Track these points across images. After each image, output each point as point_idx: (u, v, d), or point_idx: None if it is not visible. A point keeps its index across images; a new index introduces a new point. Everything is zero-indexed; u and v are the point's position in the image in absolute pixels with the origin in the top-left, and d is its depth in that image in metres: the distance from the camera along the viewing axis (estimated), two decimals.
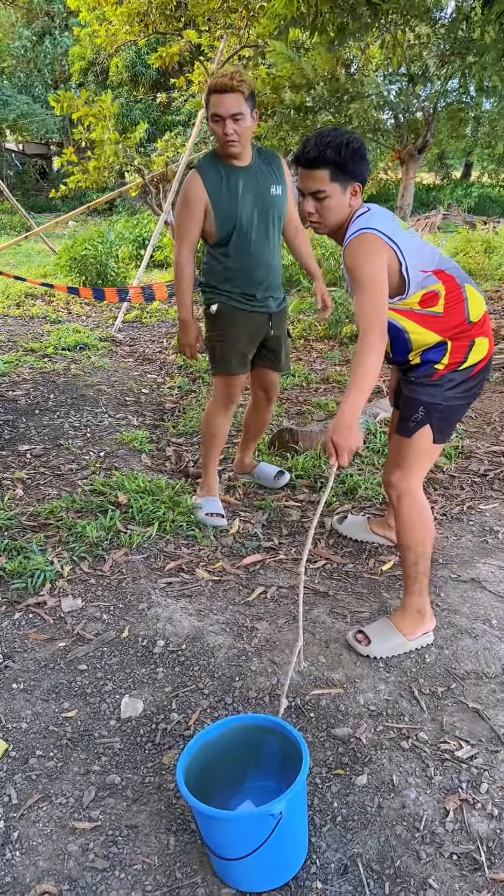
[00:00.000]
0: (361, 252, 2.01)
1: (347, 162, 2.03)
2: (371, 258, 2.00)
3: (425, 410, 2.21)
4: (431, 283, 2.13)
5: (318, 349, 6.20)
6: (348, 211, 2.12)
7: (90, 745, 1.97)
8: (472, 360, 2.19)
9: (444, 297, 2.14)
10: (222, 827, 1.47)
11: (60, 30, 21.33)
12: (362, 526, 3.04)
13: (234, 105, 2.68)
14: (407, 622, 2.32)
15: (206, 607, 2.56)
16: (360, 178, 2.09)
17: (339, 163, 2.02)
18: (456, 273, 2.19)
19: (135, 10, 8.58)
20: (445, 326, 2.16)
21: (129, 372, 5.43)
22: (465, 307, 2.17)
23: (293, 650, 1.93)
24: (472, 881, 1.56)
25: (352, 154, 2.03)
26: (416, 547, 2.27)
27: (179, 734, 1.99)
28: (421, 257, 2.12)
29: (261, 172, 2.90)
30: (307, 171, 2.07)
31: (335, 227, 2.16)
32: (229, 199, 2.84)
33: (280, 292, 3.12)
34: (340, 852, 1.64)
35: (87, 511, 3.16)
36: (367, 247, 2.01)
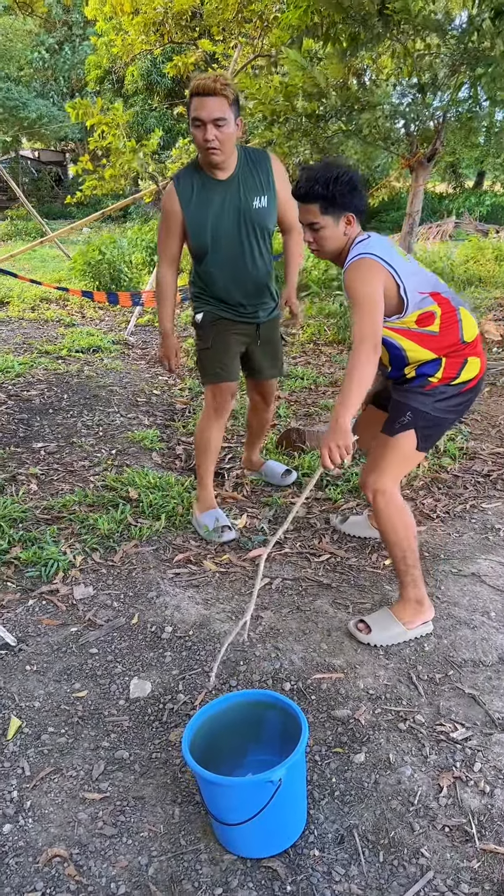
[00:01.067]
0: (359, 275, 2.13)
1: (336, 196, 2.16)
2: (367, 280, 2.12)
3: (413, 416, 2.30)
4: (428, 304, 2.24)
5: (327, 353, 6.29)
6: (344, 239, 2.25)
7: (100, 722, 2.06)
8: (465, 377, 2.30)
9: (439, 317, 2.26)
10: (224, 793, 1.55)
11: (79, 39, 21.62)
12: (363, 523, 3.12)
13: (217, 109, 2.56)
14: (406, 612, 2.39)
15: (213, 597, 2.64)
16: (352, 209, 2.21)
17: (329, 197, 2.16)
18: (451, 297, 2.31)
19: (150, 20, 8.76)
20: (441, 345, 2.27)
21: (140, 374, 5.54)
22: (460, 328, 2.29)
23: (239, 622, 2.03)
24: (462, 851, 1.63)
25: (341, 188, 2.16)
26: (400, 542, 2.34)
27: (185, 713, 2.07)
28: (418, 280, 2.24)
29: (244, 184, 2.79)
30: (301, 205, 2.23)
31: (334, 254, 2.29)
32: (203, 214, 2.77)
33: (270, 302, 3.06)
34: (338, 823, 1.72)
35: (99, 505, 3.26)
36: (365, 270, 2.13)
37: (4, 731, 2.01)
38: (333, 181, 2.16)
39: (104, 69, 17.67)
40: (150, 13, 8.76)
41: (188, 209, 2.76)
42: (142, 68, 18.04)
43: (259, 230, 2.84)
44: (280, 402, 4.83)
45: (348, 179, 2.17)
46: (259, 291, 2.98)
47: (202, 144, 2.63)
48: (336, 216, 2.21)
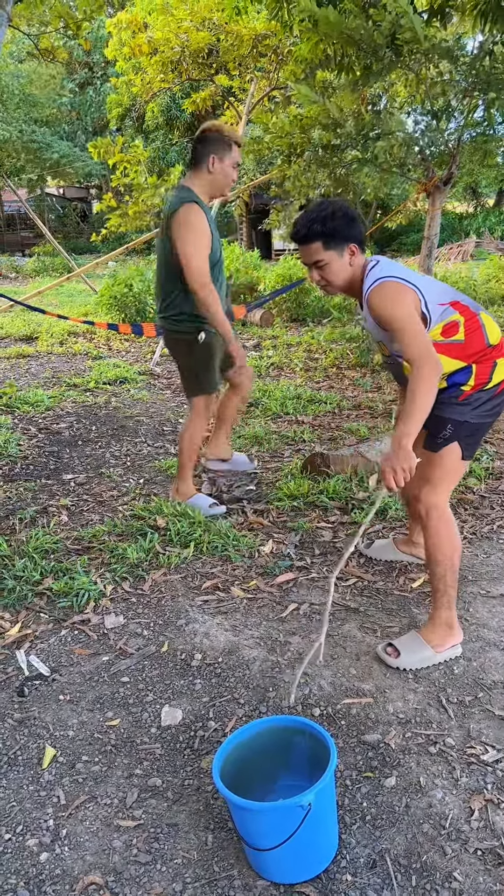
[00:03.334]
0: (389, 298, 2.17)
1: (335, 231, 2.23)
2: (399, 302, 2.17)
3: (453, 428, 2.33)
4: (450, 314, 2.29)
5: (350, 377, 6.32)
6: (351, 270, 2.31)
7: (133, 751, 2.09)
8: (496, 379, 2.32)
9: (463, 325, 2.29)
10: (254, 818, 1.57)
11: (101, 80, 22.25)
12: (388, 547, 3.14)
13: (239, 156, 3.22)
14: (436, 635, 2.40)
15: (241, 623, 2.67)
16: (354, 240, 2.27)
17: (328, 233, 2.23)
18: (470, 303, 2.36)
19: (168, 59, 8.99)
20: (469, 352, 2.30)
21: (166, 403, 5.63)
22: (484, 332, 2.32)
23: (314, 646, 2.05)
24: (495, 875, 1.63)
25: (338, 222, 2.23)
26: (444, 560, 2.35)
27: (217, 741, 2.10)
28: (436, 291, 2.29)
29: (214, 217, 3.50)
30: (303, 247, 2.29)
31: (345, 285, 2.35)
32: (214, 235, 3.25)
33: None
34: (369, 848, 1.72)
35: (128, 534, 3.32)
36: (393, 293, 2.18)
37: (40, 761, 2.05)
38: (331, 216, 2.23)
39: (125, 107, 18.13)
40: (167, 52, 9.01)
41: (212, 230, 3.22)
42: (161, 105, 18.49)
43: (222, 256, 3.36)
44: (304, 426, 4.87)
45: (343, 213, 2.24)
46: (227, 305, 3.46)
47: (230, 183, 3.25)
48: (339, 249, 2.27)
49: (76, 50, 21.76)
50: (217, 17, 8.41)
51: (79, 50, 21.90)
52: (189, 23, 8.49)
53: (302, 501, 3.66)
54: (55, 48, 7.55)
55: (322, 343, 7.52)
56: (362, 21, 4.74)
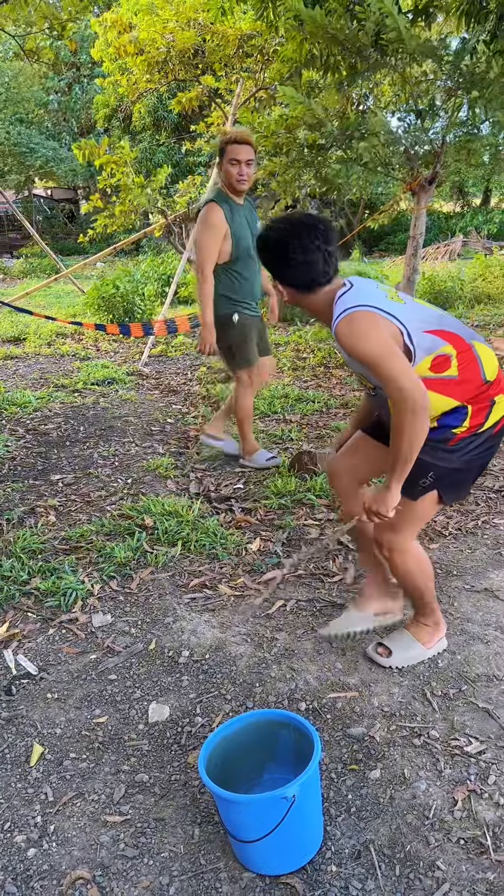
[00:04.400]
0: (360, 332, 1.89)
1: (265, 265, 2.09)
2: (372, 335, 1.89)
3: (435, 477, 2.06)
4: (439, 345, 1.99)
5: (338, 376, 6.35)
6: (308, 300, 2.06)
7: (120, 747, 2.10)
8: (493, 419, 2.04)
9: (455, 357, 1.99)
10: (239, 810, 1.59)
11: (88, 80, 22.20)
12: (352, 616, 2.53)
13: (249, 154, 3.61)
14: (424, 633, 2.39)
15: (229, 620, 2.69)
16: (284, 281, 2.05)
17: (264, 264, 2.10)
18: (462, 331, 2.06)
19: (154, 59, 8.98)
20: (463, 389, 2.00)
21: (154, 403, 5.64)
22: (480, 366, 2.02)
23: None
24: (477, 863, 1.65)
25: (266, 256, 2.06)
26: (418, 590, 2.29)
27: (203, 736, 2.11)
28: (420, 318, 2.01)
29: (249, 210, 3.84)
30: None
31: (311, 314, 2.13)
32: (239, 227, 3.70)
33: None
34: (354, 839, 1.74)
35: (116, 534, 3.33)
36: (365, 325, 1.90)
37: (28, 758, 2.06)
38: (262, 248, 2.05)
39: (112, 108, 18.11)
40: (153, 52, 9.01)
41: (231, 223, 3.67)
42: (148, 105, 18.44)
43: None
44: (292, 425, 4.90)
45: (276, 248, 2.01)
46: (259, 289, 3.95)
47: (236, 177, 3.63)
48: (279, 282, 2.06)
49: (63, 50, 21.70)
50: (202, 17, 8.41)
51: (65, 50, 21.85)
52: (174, 23, 8.49)
53: (289, 499, 3.68)
54: (40, 49, 7.54)
55: (310, 342, 7.55)
56: (347, 21, 4.77)
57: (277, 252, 2.01)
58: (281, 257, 2.01)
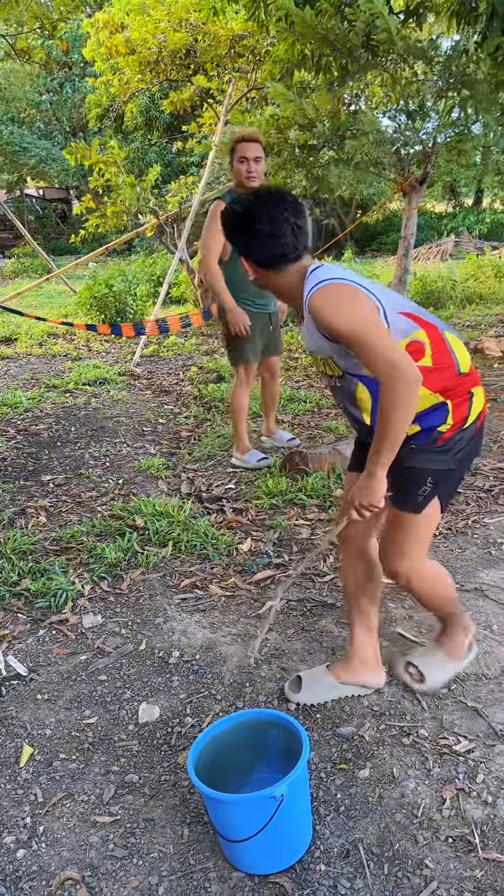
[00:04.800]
0: (339, 301, 1.75)
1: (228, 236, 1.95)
2: (352, 305, 1.75)
3: (434, 481, 1.94)
4: (413, 329, 1.87)
5: None
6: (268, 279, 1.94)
7: (110, 748, 2.10)
8: (475, 412, 1.96)
9: (429, 346, 1.87)
10: (228, 809, 1.59)
11: (79, 79, 22.14)
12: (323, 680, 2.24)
13: (258, 151, 3.75)
14: (456, 644, 2.25)
15: (219, 620, 2.69)
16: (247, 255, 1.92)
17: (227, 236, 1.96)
18: (432, 319, 1.96)
19: (146, 59, 8.97)
20: (438, 379, 1.88)
21: (146, 403, 5.63)
22: (454, 357, 1.92)
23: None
24: (465, 861, 1.66)
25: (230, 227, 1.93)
26: (443, 605, 2.19)
27: (193, 736, 2.11)
28: (393, 299, 1.89)
29: None
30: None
31: (278, 294, 2.00)
32: None
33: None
34: (343, 838, 1.75)
35: (107, 534, 3.32)
36: (344, 295, 1.77)
37: (17, 759, 2.06)
38: (229, 220, 1.90)
39: (104, 108, 18.07)
40: (145, 52, 9.00)
41: None
42: (140, 105, 18.42)
43: None
44: (284, 425, 4.90)
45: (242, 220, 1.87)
46: None
47: (245, 174, 3.75)
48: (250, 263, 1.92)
49: (54, 50, 21.65)
50: (194, 17, 8.40)
51: (57, 50, 21.80)
52: (166, 23, 8.48)
53: (280, 499, 3.68)
54: (31, 48, 7.52)
55: (301, 342, 7.55)
56: (337, 21, 4.78)
57: (242, 223, 1.86)
58: (245, 228, 1.86)
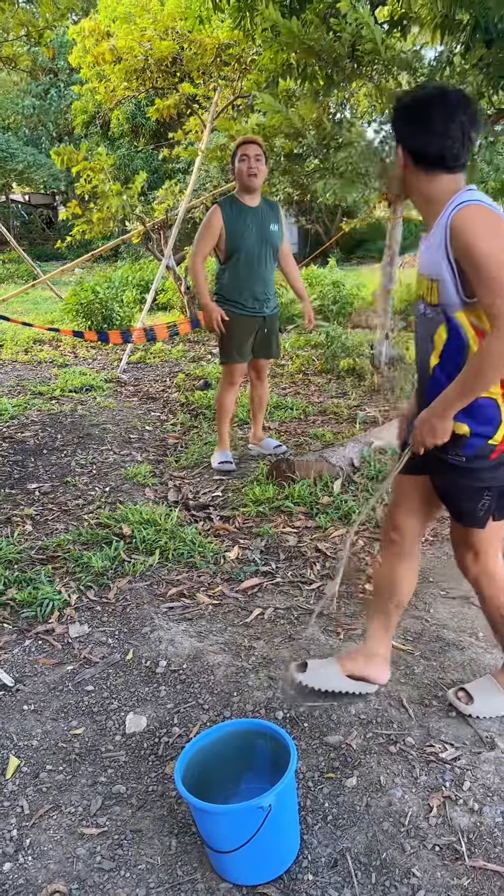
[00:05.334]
0: (488, 226, 1.66)
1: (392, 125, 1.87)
2: (497, 234, 1.65)
3: (490, 494, 1.86)
4: None
5: (317, 383, 6.38)
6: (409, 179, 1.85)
7: (97, 758, 2.09)
8: None
9: None
10: (215, 820, 1.59)
11: (65, 85, 22.13)
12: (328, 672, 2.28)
13: (257, 150, 3.88)
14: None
15: (206, 629, 2.69)
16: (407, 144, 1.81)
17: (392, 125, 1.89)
18: None
19: (132, 67, 8.98)
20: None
21: (133, 410, 5.63)
22: None
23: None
24: (452, 869, 1.67)
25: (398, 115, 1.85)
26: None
27: (181, 746, 2.11)
28: None
29: (264, 213, 4.01)
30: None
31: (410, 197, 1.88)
32: (240, 228, 3.91)
33: (273, 301, 4.23)
34: (331, 847, 1.75)
35: (93, 543, 3.31)
36: (495, 223, 1.67)
37: (3, 771, 2.05)
38: (398, 108, 1.83)
39: (90, 114, 18.06)
40: (131, 60, 9.01)
41: (228, 222, 3.90)
42: (126, 112, 18.44)
43: (270, 246, 4.04)
44: (270, 432, 4.91)
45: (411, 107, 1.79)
46: (269, 290, 4.14)
47: (246, 171, 3.86)
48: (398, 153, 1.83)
49: (40, 56, 21.64)
50: (180, 25, 8.44)
51: (42, 56, 21.78)
52: (152, 31, 8.51)
53: (267, 507, 3.69)
54: (17, 55, 7.51)
55: (288, 349, 7.58)
56: (323, 32, 4.81)
57: (417, 111, 1.77)
58: (418, 116, 1.77)
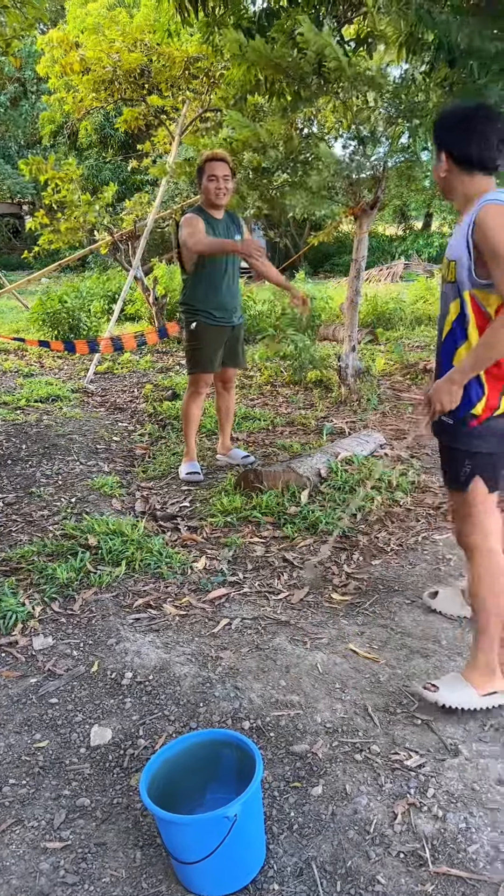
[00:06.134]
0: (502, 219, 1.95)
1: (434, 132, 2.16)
2: None
3: (471, 462, 2.13)
4: None
5: (284, 394, 6.42)
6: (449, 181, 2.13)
7: (61, 771, 2.07)
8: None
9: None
10: (180, 831, 1.59)
11: (34, 95, 22.04)
12: (455, 598, 2.79)
13: (225, 170, 3.93)
14: (476, 675, 2.23)
15: (173, 640, 2.68)
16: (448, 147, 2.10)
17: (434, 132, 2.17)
18: None
19: (100, 78, 8.99)
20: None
21: (100, 421, 5.60)
22: None
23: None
24: (416, 876, 1.68)
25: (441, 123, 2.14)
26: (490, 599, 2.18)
27: (146, 758, 2.09)
28: None
29: (229, 225, 4.10)
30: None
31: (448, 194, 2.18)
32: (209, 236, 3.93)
33: (240, 311, 4.28)
34: (296, 856, 1.75)
35: (58, 554, 3.28)
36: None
37: None
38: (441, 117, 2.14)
39: (58, 124, 18.00)
40: (99, 72, 9.02)
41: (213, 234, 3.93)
42: (95, 123, 18.43)
43: (237, 258, 4.09)
44: (238, 443, 4.92)
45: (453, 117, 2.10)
46: (236, 301, 4.20)
47: (214, 192, 3.93)
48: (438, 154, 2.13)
49: (7, 66, 21.51)
50: (149, 38, 8.48)
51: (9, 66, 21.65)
52: (121, 43, 8.53)
53: (235, 517, 3.69)
54: None
55: (257, 361, 7.61)
56: (289, 49, 4.88)
57: (462, 118, 2.07)
58: (463, 124, 2.07)
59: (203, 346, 4.13)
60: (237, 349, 4.34)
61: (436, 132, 2.15)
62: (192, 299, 4.11)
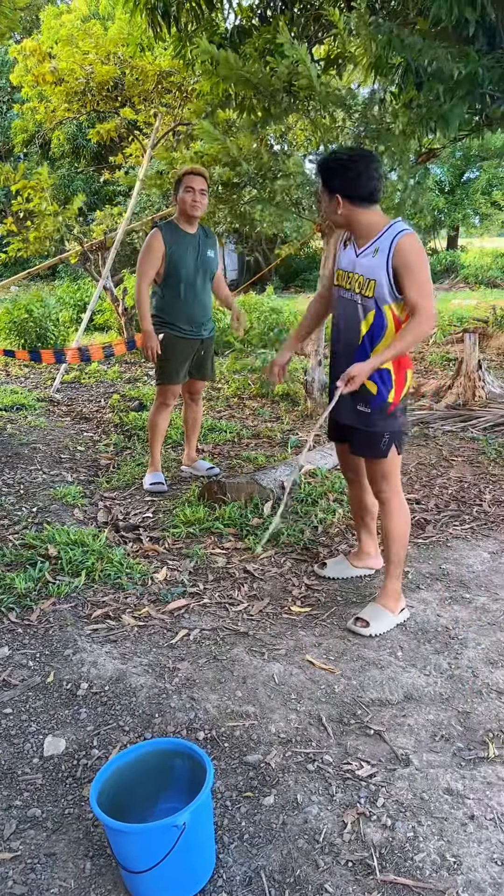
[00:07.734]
0: (422, 251, 2.53)
1: (322, 179, 2.59)
2: (424, 257, 2.53)
3: (390, 436, 2.73)
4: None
5: (251, 407, 6.46)
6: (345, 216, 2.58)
7: (13, 782, 2.05)
8: (406, 387, 2.75)
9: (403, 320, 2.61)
10: (129, 840, 1.59)
11: (7, 104, 21.95)
12: (343, 564, 3.32)
13: (202, 184, 3.98)
14: (391, 601, 2.84)
15: (131, 651, 2.67)
16: (338, 191, 2.55)
17: (321, 177, 2.60)
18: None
19: (73, 89, 9.01)
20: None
21: (65, 430, 5.57)
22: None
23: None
24: (364, 884, 1.70)
25: (327, 172, 2.58)
26: (402, 537, 2.83)
27: (99, 768, 2.09)
28: None
29: (202, 240, 4.13)
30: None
31: (343, 226, 2.66)
32: (179, 252, 4.00)
33: (210, 324, 4.32)
34: (246, 866, 1.76)
35: (17, 564, 3.26)
36: (421, 248, 2.54)
37: None
38: (324, 162, 2.58)
39: (30, 133, 17.97)
40: (72, 83, 9.04)
41: (170, 246, 3.98)
42: (68, 133, 18.41)
43: (208, 271, 4.16)
44: (204, 454, 4.94)
45: (337, 164, 2.54)
46: (206, 314, 4.22)
47: (190, 204, 3.96)
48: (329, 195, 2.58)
49: None
50: (122, 51, 8.52)
51: None
52: (94, 55, 8.56)
53: (198, 528, 3.70)
54: None
55: (224, 373, 7.65)
56: (260, 65, 4.95)
57: (346, 165, 2.52)
58: (348, 169, 2.52)
59: (170, 358, 4.13)
60: (206, 361, 4.37)
61: (327, 181, 2.57)
62: (161, 311, 4.12)
